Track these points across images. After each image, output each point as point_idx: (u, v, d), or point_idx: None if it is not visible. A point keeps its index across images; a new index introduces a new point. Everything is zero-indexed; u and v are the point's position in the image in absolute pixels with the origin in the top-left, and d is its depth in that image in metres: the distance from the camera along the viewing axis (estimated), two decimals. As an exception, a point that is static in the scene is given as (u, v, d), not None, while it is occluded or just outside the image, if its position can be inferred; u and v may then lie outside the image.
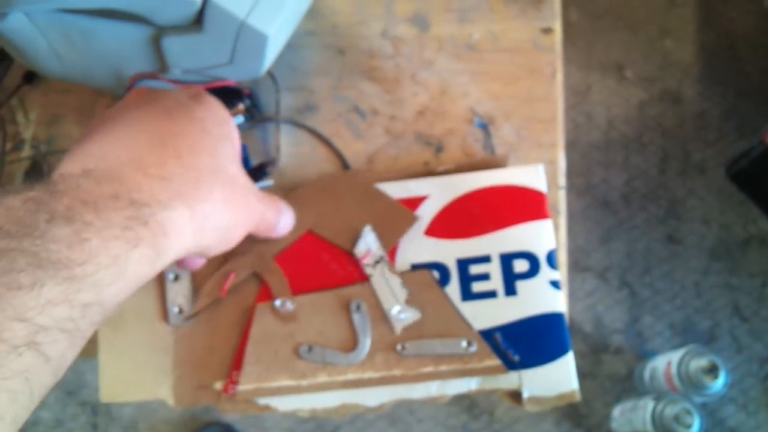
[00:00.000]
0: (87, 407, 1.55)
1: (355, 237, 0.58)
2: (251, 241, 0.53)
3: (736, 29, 1.76)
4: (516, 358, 0.56)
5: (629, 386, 1.54)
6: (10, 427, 0.28)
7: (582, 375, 1.52)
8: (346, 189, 0.59)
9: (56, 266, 0.30)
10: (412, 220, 0.58)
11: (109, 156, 0.39)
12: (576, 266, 1.60)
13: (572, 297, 1.59)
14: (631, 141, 1.68)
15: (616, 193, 1.65)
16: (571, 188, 1.65)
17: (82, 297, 0.32)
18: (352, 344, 0.57)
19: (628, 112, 1.70)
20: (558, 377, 0.57)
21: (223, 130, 0.45)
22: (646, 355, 1.54)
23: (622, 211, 1.64)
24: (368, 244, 0.58)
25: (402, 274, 0.58)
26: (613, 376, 1.55)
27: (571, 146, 1.67)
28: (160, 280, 0.58)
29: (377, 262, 0.57)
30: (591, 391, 1.54)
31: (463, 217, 0.59)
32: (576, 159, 1.66)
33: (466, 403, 1.51)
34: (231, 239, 0.45)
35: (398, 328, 0.57)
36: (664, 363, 1.40)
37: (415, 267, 0.58)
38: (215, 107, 0.47)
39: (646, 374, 1.47)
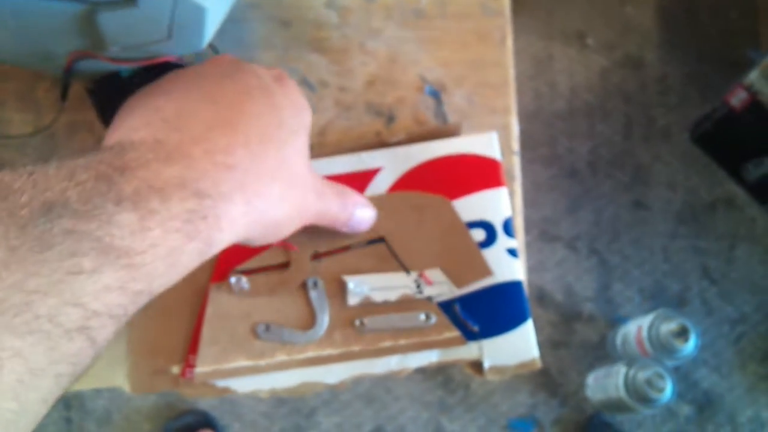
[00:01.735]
0: (60, 402, 1.53)
1: (423, 263, 0.57)
2: (315, 231, 0.53)
3: (695, -8, 1.76)
4: (475, 328, 0.56)
5: (602, 353, 1.55)
6: (47, 409, 0.29)
7: (555, 344, 1.54)
8: (435, 213, 0.57)
9: (118, 253, 0.30)
10: (486, 274, 0.56)
11: (183, 127, 0.38)
12: (545, 236, 1.61)
13: (542, 267, 1.59)
14: (594, 109, 1.68)
15: (582, 162, 1.65)
16: (537, 158, 1.64)
17: (136, 285, 0.32)
18: (310, 322, 0.56)
19: (591, 80, 1.70)
20: (518, 346, 0.56)
21: (298, 121, 0.45)
22: (617, 322, 1.55)
23: (588, 179, 1.64)
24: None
25: (359, 248, 0.57)
26: (585, 343, 1.56)
27: (534, 116, 1.67)
28: (109, 265, 0.56)
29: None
30: (565, 359, 1.55)
31: (419, 188, 0.58)
32: (540, 129, 1.66)
33: (441, 378, 1.51)
34: (278, 234, 0.44)
35: (354, 301, 0.56)
36: (635, 328, 1.41)
37: (372, 241, 0.57)
38: (296, 95, 0.46)
39: (618, 340, 1.48)
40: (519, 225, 0.61)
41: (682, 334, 1.32)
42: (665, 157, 1.66)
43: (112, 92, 0.59)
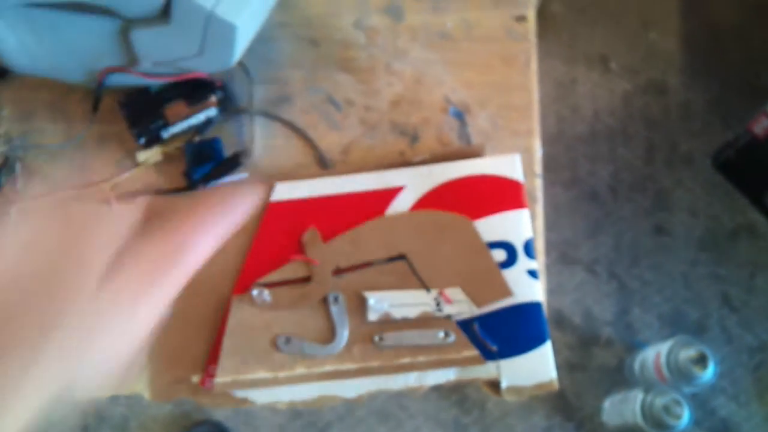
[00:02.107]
0: (76, 409, 1.55)
1: (443, 282, 0.57)
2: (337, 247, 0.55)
3: (719, 20, 1.76)
4: (494, 348, 0.56)
5: (619, 378, 1.54)
6: None
7: (572, 367, 1.53)
8: (457, 233, 0.58)
9: None
10: (506, 295, 0.57)
11: None
12: (564, 259, 1.60)
13: (561, 290, 1.58)
14: (616, 133, 1.68)
15: (603, 185, 1.65)
16: (558, 181, 1.64)
17: None
18: (330, 336, 0.57)
19: (614, 104, 1.70)
20: (536, 367, 0.56)
21: None
22: (636, 347, 1.54)
23: (609, 203, 1.64)
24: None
25: (380, 264, 0.57)
26: (603, 368, 1.55)
27: (557, 139, 1.67)
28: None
29: None
30: (581, 383, 1.54)
31: (440, 207, 0.58)
32: (562, 152, 1.66)
33: (457, 396, 1.51)
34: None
35: (374, 317, 0.56)
36: (654, 354, 1.40)
37: (393, 258, 0.58)
38: None
39: (636, 366, 1.47)
40: (540, 247, 0.61)
41: (701, 361, 1.31)
42: (687, 183, 1.65)
43: (142, 106, 0.61)
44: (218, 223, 0.40)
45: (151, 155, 0.62)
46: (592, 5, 1.77)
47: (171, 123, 0.60)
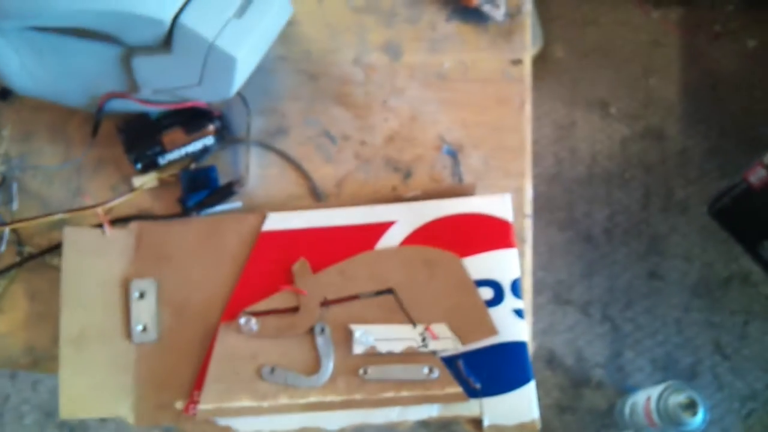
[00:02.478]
0: (65, 429, 1.54)
1: (429, 318, 0.58)
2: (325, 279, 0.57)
3: (719, 69, 1.78)
4: (477, 385, 0.56)
5: (609, 421, 1.53)
6: None
7: (562, 409, 1.52)
8: (445, 269, 0.59)
9: None
10: (491, 333, 0.57)
11: None
12: (558, 299, 1.60)
13: (553, 330, 1.58)
14: (613, 176, 1.69)
15: (599, 228, 1.65)
16: (554, 222, 1.65)
17: None
18: (315, 367, 0.57)
19: (612, 148, 1.71)
20: (519, 406, 0.57)
21: None
22: (627, 390, 1.53)
23: (604, 245, 1.64)
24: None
25: (368, 297, 0.58)
26: (593, 410, 1.54)
27: (554, 180, 1.68)
28: (125, 297, 0.58)
29: None
30: (571, 425, 1.53)
31: (430, 244, 0.59)
32: (559, 193, 1.67)
33: (445, 434, 1.50)
34: None
35: (360, 350, 0.57)
36: (644, 398, 1.39)
37: (381, 292, 0.58)
38: None
39: (627, 409, 1.46)
40: (528, 286, 0.61)
41: (691, 407, 1.30)
42: (682, 229, 1.66)
43: (140, 132, 0.62)
44: None
45: (146, 181, 0.62)
46: (594, 51, 1.80)
47: (168, 150, 0.61)
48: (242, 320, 0.57)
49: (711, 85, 1.77)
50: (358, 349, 0.57)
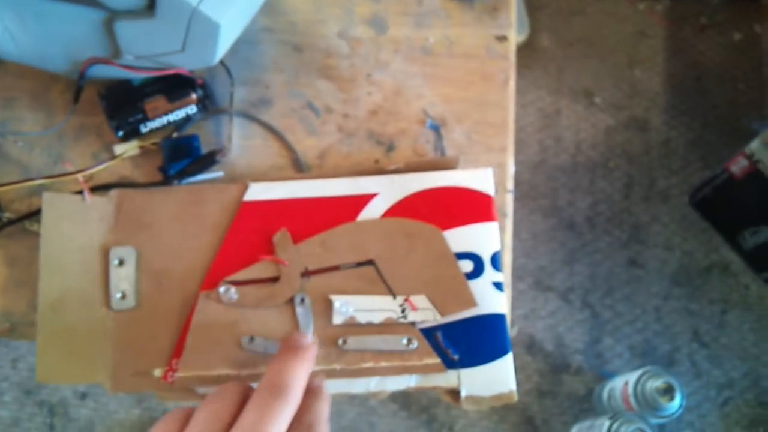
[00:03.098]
0: (45, 407, 1.53)
1: (409, 289, 0.58)
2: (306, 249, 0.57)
3: (704, 61, 1.80)
4: (456, 357, 0.57)
5: (588, 406, 1.55)
6: None
7: (542, 394, 1.53)
8: (426, 242, 0.59)
9: None
10: (470, 305, 0.58)
11: None
12: (539, 286, 1.61)
13: (534, 315, 1.59)
14: (597, 165, 1.70)
15: (581, 216, 1.66)
16: (537, 209, 1.66)
17: None
18: (295, 337, 0.57)
19: (596, 138, 1.72)
20: (496, 378, 0.57)
21: None
22: (605, 376, 1.55)
23: (586, 233, 1.66)
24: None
25: (348, 269, 0.58)
26: (572, 395, 1.55)
27: (538, 168, 1.68)
28: (104, 264, 0.58)
29: None
30: (550, 410, 1.54)
31: (411, 216, 0.59)
32: (543, 180, 1.68)
33: (426, 416, 1.51)
34: None
35: (339, 321, 0.57)
36: (622, 383, 1.41)
37: (361, 263, 0.58)
38: None
39: (605, 394, 1.48)
40: (507, 260, 0.62)
41: (668, 392, 1.32)
42: (663, 219, 1.67)
43: (122, 99, 0.61)
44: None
45: (128, 149, 0.62)
46: (580, 41, 1.80)
47: (150, 118, 0.61)
48: (222, 289, 0.57)
49: (695, 77, 1.78)
50: (337, 319, 0.57)
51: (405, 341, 0.57)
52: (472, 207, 0.59)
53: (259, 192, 0.59)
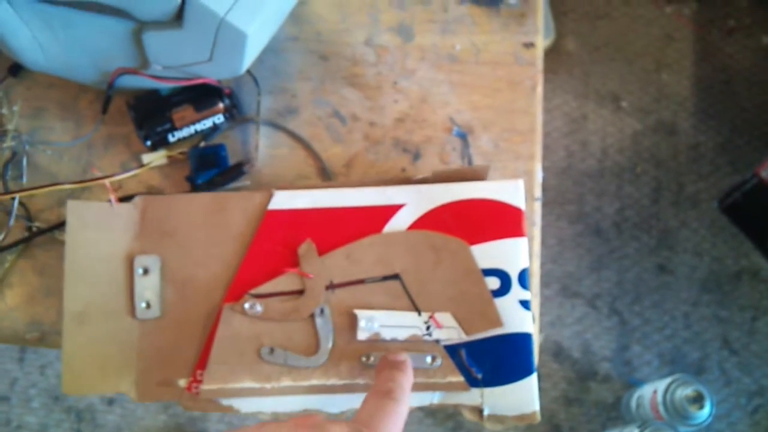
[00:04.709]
0: (72, 413, 1.54)
1: (435, 306, 0.57)
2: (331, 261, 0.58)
3: (733, 64, 1.77)
4: (479, 375, 0.56)
5: (616, 414, 1.53)
6: None
7: (569, 401, 1.52)
8: (453, 256, 0.58)
9: None
10: (496, 325, 0.57)
11: None
12: (566, 292, 1.60)
13: (561, 322, 1.58)
14: (624, 170, 1.68)
15: (608, 222, 1.65)
16: (564, 215, 1.65)
17: None
18: (315, 348, 0.57)
19: (623, 142, 1.70)
20: (520, 398, 0.56)
21: None
22: (633, 384, 1.53)
23: (613, 239, 1.64)
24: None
25: (374, 282, 0.58)
26: (599, 403, 1.54)
27: (564, 173, 1.67)
28: (129, 273, 0.58)
29: None
30: (577, 418, 1.53)
31: (439, 228, 0.58)
32: (569, 186, 1.67)
33: (451, 423, 1.50)
34: None
35: (364, 336, 0.56)
36: (651, 391, 1.39)
37: (387, 277, 0.58)
38: None
39: (633, 402, 1.46)
40: (535, 271, 0.61)
41: (698, 400, 1.30)
42: (692, 224, 1.65)
43: (150, 109, 0.61)
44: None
45: (156, 158, 0.62)
46: (606, 45, 1.79)
47: (178, 127, 0.61)
48: (247, 305, 0.57)
49: (724, 81, 1.76)
50: (362, 335, 0.56)
51: (429, 359, 0.56)
52: (501, 221, 0.58)
53: (283, 200, 0.59)
